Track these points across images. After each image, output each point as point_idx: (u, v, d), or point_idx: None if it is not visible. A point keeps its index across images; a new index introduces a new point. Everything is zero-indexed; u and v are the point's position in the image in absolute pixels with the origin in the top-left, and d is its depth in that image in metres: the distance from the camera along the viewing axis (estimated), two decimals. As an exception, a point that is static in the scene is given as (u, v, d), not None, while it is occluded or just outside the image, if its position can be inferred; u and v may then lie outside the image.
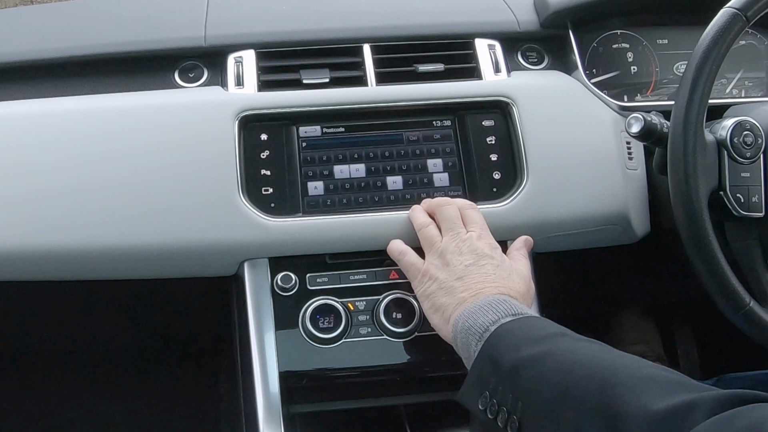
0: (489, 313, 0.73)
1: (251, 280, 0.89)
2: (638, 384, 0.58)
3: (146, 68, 1.00)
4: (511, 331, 0.71)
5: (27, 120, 0.93)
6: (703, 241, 0.79)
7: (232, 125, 0.91)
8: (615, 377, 0.60)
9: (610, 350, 0.68)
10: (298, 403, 0.88)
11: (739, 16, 0.80)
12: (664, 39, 1.08)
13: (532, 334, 0.70)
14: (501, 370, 0.68)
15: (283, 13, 1.08)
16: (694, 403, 0.54)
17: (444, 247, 0.83)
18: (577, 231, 0.95)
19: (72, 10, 1.17)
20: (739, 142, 0.84)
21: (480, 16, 1.07)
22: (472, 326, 0.73)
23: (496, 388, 0.67)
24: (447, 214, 0.86)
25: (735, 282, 0.79)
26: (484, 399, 0.68)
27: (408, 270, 0.85)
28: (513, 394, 0.66)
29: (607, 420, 0.57)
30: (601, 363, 0.64)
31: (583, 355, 0.66)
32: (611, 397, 0.58)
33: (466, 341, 0.74)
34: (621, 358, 0.65)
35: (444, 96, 0.96)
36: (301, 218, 0.89)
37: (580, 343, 0.69)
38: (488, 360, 0.70)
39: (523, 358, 0.67)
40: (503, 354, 0.68)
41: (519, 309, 0.74)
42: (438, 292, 0.80)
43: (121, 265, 0.90)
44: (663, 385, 0.58)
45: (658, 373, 0.61)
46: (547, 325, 0.73)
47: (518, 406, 0.65)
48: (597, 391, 0.60)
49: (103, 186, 0.88)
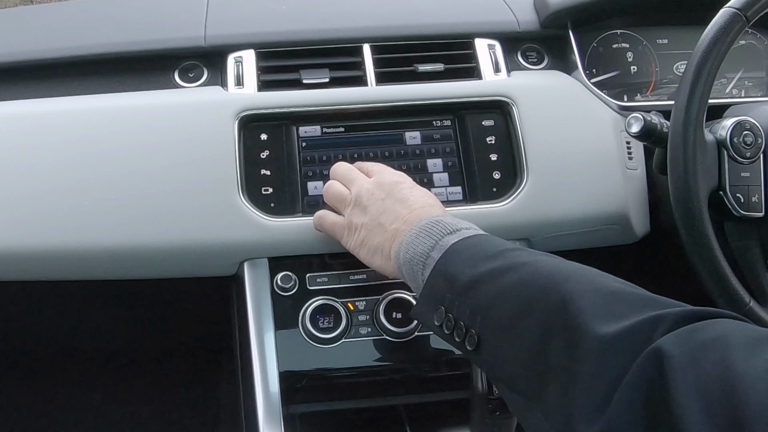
0: (426, 239, 0.72)
1: (251, 280, 0.89)
2: (602, 300, 0.57)
3: (146, 68, 1.00)
4: (466, 248, 0.70)
5: (27, 120, 0.93)
6: (703, 241, 0.79)
7: (232, 125, 0.91)
8: (577, 292, 0.58)
9: (572, 263, 0.66)
10: (298, 403, 0.88)
11: (739, 16, 0.80)
12: (664, 39, 1.08)
13: (487, 249, 0.69)
14: (457, 285, 0.67)
15: (283, 13, 1.08)
16: (658, 317, 0.53)
17: (355, 195, 0.82)
18: (577, 231, 0.95)
19: (72, 10, 1.17)
20: (739, 142, 0.84)
21: (480, 16, 1.07)
22: (413, 256, 0.73)
23: (453, 303, 0.67)
24: (342, 170, 0.87)
25: (735, 282, 0.79)
26: (439, 314, 0.68)
27: (333, 231, 0.85)
28: (470, 309, 0.65)
29: (570, 337, 0.56)
30: (563, 276, 0.62)
31: (544, 268, 0.64)
32: (574, 313, 0.57)
33: (411, 272, 0.73)
34: (584, 271, 0.63)
35: (444, 96, 0.96)
36: (301, 218, 0.89)
37: (538, 256, 0.67)
38: (442, 276, 0.69)
39: (480, 272, 0.66)
40: (459, 270, 0.67)
41: (454, 225, 0.73)
42: (369, 235, 0.79)
43: (121, 265, 0.90)
44: (627, 301, 0.57)
45: (623, 288, 0.59)
46: (499, 241, 0.71)
47: (476, 320, 0.64)
48: (560, 307, 0.58)
49: (103, 186, 0.88)
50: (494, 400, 0.76)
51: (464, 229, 0.73)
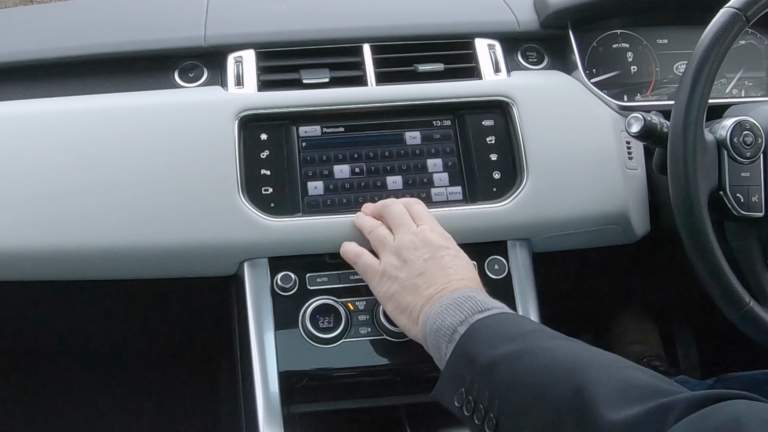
0: (456, 313, 0.72)
1: (251, 280, 0.89)
2: (615, 388, 0.58)
3: (146, 68, 1.00)
4: (488, 327, 0.70)
5: (27, 120, 0.93)
6: (703, 241, 0.79)
7: (232, 125, 0.91)
8: (592, 380, 0.59)
9: (589, 349, 0.66)
10: (298, 403, 0.88)
11: (739, 16, 0.80)
12: (664, 39, 1.08)
13: (508, 330, 0.69)
14: (477, 366, 0.67)
15: (283, 13, 1.08)
16: (669, 404, 0.53)
17: (398, 244, 0.81)
18: (577, 231, 0.95)
19: (72, 10, 1.17)
20: (739, 142, 0.84)
21: (480, 16, 1.07)
22: (440, 327, 0.72)
23: (472, 385, 0.67)
24: (394, 212, 0.85)
25: (735, 282, 0.79)
26: (460, 396, 0.68)
27: (365, 272, 0.84)
28: (489, 391, 0.65)
29: (582, 424, 0.56)
30: (578, 362, 0.63)
31: (561, 354, 0.65)
32: (587, 400, 0.57)
33: (436, 343, 0.73)
34: (600, 358, 0.64)
35: (444, 96, 0.96)
36: (301, 218, 0.89)
37: (557, 341, 0.68)
38: (463, 357, 0.69)
39: (499, 355, 0.66)
40: (479, 351, 0.68)
41: (486, 304, 0.73)
42: (401, 291, 0.79)
43: (121, 265, 0.90)
44: (640, 389, 0.57)
45: (637, 376, 0.60)
46: (522, 321, 0.72)
47: (495, 404, 0.64)
48: (573, 393, 0.59)
49: (102, 186, 0.88)
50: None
51: (495, 308, 0.73)
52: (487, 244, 0.91)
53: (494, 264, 0.91)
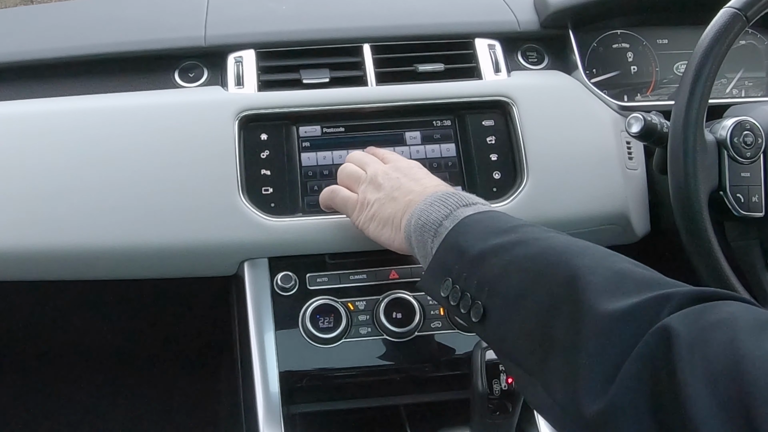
0: (441, 208, 0.72)
1: (251, 280, 0.89)
2: (610, 278, 0.56)
3: (146, 68, 1.00)
4: (478, 222, 0.69)
5: (27, 120, 0.93)
6: (703, 241, 0.79)
7: (232, 125, 0.91)
8: (587, 269, 0.58)
9: (585, 242, 0.65)
10: (298, 403, 0.88)
11: (739, 16, 0.80)
12: (664, 39, 1.08)
13: (500, 224, 0.68)
14: (466, 257, 0.66)
15: (283, 13, 1.08)
16: (666, 296, 0.53)
17: (370, 174, 0.82)
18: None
19: (72, 10, 1.17)
20: (739, 142, 0.84)
21: (480, 16, 1.07)
22: (425, 223, 0.72)
23: (460, 274, 0.66)
24: (358, 156, 0.87)
25: (735, 282, 0.79)
26: (446, 285, 0.67)
27: (345, 205, 0.84)
28: (478, 280, 0.64)
29: (577, 312, 0.55)
30: (573, 252, 0.61)
31: (554, 243, 0.63)
32: (581, 289, 0.56)
33: (421, 239, 0.72)
34: (595, 249, 0.62)
35: (444, 96, 0.96)
36: (301, 218, 0.89)
37: (550, 233, 0.67)
38: (452, 249, 0.68)
39: (490, 245, 0.65)
40: (469, 243, 0.67)
41: (471, 199, 0.73)
42: (381, 208, 0.79)
43: (122, 265, 0.90)
44: (636, 280, 0.57)
45: (632, 268, 0.58)
46: (512, 218, 0.71)
47: (484, 292, 0.63)
48: (567, 282, 0.57)
49: (103, 186, 0.88)
50: (494, 400, 0.76)
51: (479, 203, 0.73)
52: (487, 244, 0.91)
53: (494, 264, 0.91)
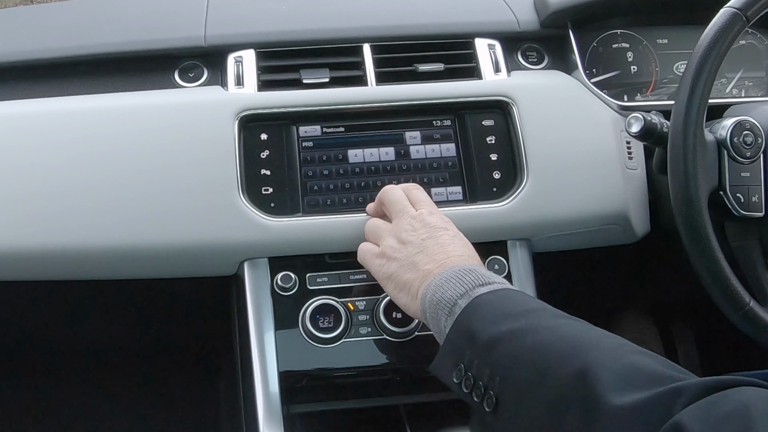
0: (457, 286, 0.71)
1: (251, 280, 0.89)
2: (620, 372, 0.56)
3: (146, 68, 1.00)
4: (490, 303, 0.68)
5: (27, 120, 0.93)
6: (703, 241, 0.79)
7: (232, 125, 0.91)
8: (597, 362, 0.57)
9: (594, 329, 0.65)
10: (298, 403, 0.88)
11: (739, 16, 0.80)
12: (664, 39, 1.08)
13: (511, 307, 0.67)
14: (477, 343, 0.65)
15: (283, 13, 1.08)
16: (677, 389, 0.52)
17: (396, 228, 0.81)
18: (577, 231, 0.95)
19: (72, 10, 1.17)
20: (739, 142, 0.84)
21: (480, 16, 1.07)
22: (440, 300, 0.71)
23: (472, 361, 0.65)
24: (392, 197, 0.85)
25: (735, 282, 0.79)
26: (459, 372, 0.66)
27: (365, 258, 0.83)
28: (490, 368, 0.63)
29: (587, 408, 0.55)
30: (583, 343, 0.61)
31: (565, 333, 0.63)
32: (591, 383, 0.56)
33: (435, 316, 0.72)
34: (605, 340, 0.62)
35: (444, 96, 0.96)
36: (301, 218, 0.89)
37: (561, 320, 0.66)
38: (464, 332, 0.67)
39: (501, 332, 0.64)
40: (480, 327, 0.66)
41: (488, 278, 0.72)
42: (399, 270, 0.78)
43: (121, 264, 0.90)
44: (647, 374, 0.56)
45: (644, 360, 0.58)
46: (526, 298, 0.70)
47: (495, 382, 0.63)
48: (577, 375, 0.57)
49: (102, 186, 0.88)
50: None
51: (496, 283, 0.72)
52: (487, 244, 0.91)
53: (494, 264, 0.91)
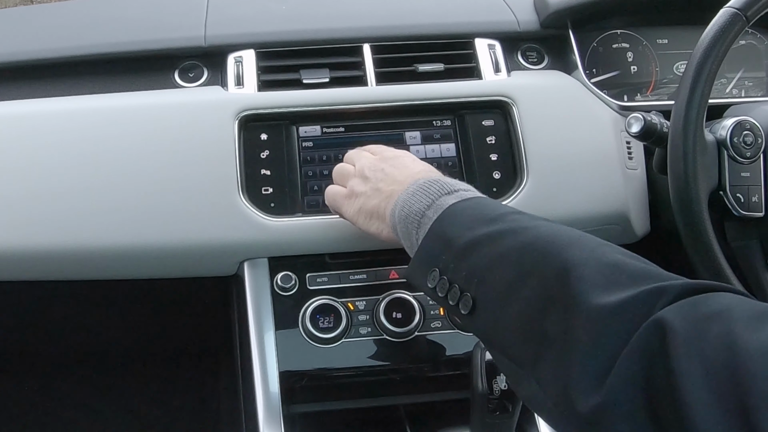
0: (423, 197, 0.71)
1: (251, 280, 0.89)
2: (603, 270, 0.55)
3: (146, 68, 1.00)
4: (464, 210, 0.68)
5: (27, 120, 0.93)
6: (703, 241, 0.79)
7: (232, 125, 0.91)
8: (579, 261, 0.56)
9: (573, 230, 0.63)
10: (298, 403, 0.88)
11: (739, 16, 0.80)
12: (664, 39, 1.08)
13: (486, 212, 0.67)
14: (454, 247, 0.65)
15: (283, 13, 1.08)
16: (660, 289, 0.52)
17: (358, 168, 0.82)
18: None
19: (72, 10, 1.17)
20: (739, 142, 0.84)
21: (480, 16, 1.07)
22: (408, 214, 0.71)
23: (448, 265, 0.65)
24: (350, 153, 0.87)
25: (735, 281, 0.79)
26: (433, 276, 0.66)
27: (334, 200, 0.84)
28: (467, 271, 0.63)
29: (569, 305, 0.54)
30: (564, 242, 0.60)
31: (545, 232, 0.62)
32: (574, 281, 0.55)
33: (406, 231, 0.72)
34: (587, 240, 0.61)
35: (444, 96, 0.96)
36: (301, 218, 0.89)
37: (539, 221, 0.65)
38: (439, 238, 0.67)
39: (478, 235, 0.64)
40: (456, 232, 0.65)
41: (453, 186, 0.72)
42: (366, 200, 0.78)
43: (122, 264, 0.90)
44: (629, 272, 0.55)
45: (625, 260, 0.57)
46: (498, 204, 0.70)
47: (473, 283, 0.62)
48: (560, 274, 0.56)
49: (102, 186, 0.88)
50: (494, 400, 0.76)
51: (462, 190, 0.72)
52: (487, 244, 0.91)
53: (494, 264, 0.91)
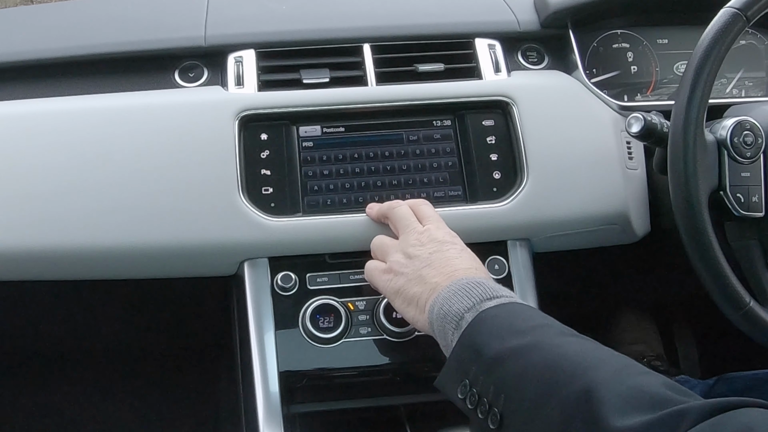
0: (464, 299, 0.71)
1: (251, 280, 0.89)
2: (625, 394, 0.56)
3: (146, 68, 1.00)
4: (496, 317, 0.68)
5: (27, 120, 0.93)
6: (703, 241, 0.79)
7: (232, 125, 0.91)
8: (602, 382, 0.57)
9: (600, 348, 0.65)
10: (298, 403, 0.88)
11: (739, 16, 0.80)
12: (664, 39, 1.08)
13: (517, 323, 0.67)
14: (483, 359, 0.65)
15: (283, 13, 1.08)
16: (681, 412, 0.53)
17: (403, 243, 0.81)
18: (577, 231, 0.95)
19: (72, 10, 1.17)
20: (739, 142, 0.84)
21: (480, 16, 1.07)
22: (447, 313, 0.71)
23: (477, 377, 0.65)
24: (400, 214, 0.85)
25: (735, 282, 0.79)
26: (464, 387, 0.66)
27: (372, 275, 0.83)
28: (495, 385, 0.63)
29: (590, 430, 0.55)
30: (588, 362, 0.61)
31: (571, 352, 0.63)
32: (596, 404, 0.56)
33: (443, 329, 0.71)
34: (611, 359, 0.62)
35: (444, 96, 0.96)
36: (301, 218, 0.89)
37: (567, 338, 0.66)
38: (470, 347, 0.67)
39: (507, 348, 0.64)
40: (486, 342, 0.66)
41: (496, 291, 0.72)
42: (407, 284, 0.77)
43: (122, 264, 0.90)
44: (651, 396, 0.56)
45: (648, 382, 0.58)
46: (533, 314, 0.70)
47: (500, 399, 0.62)
48: (582, 395, 0.57)
49: (102, 186, 0.88)
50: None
51: (504, 296, 0.71)
52: (487, 244, 0.91)
53: (494, 264, 0.91)
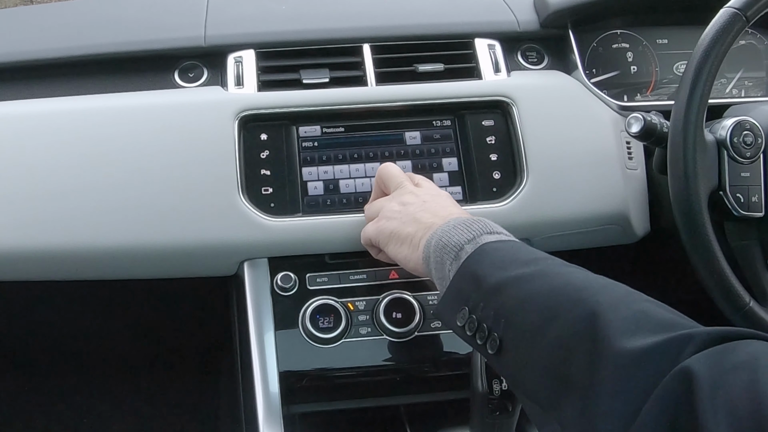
0: (464, 232, 0.70)
1: (251, 280, 0.89)
2: (630, 317, 0.55)
3: (146, 68, 1.00)
4: (497, 250, 0.68)
5: (27, 120, 0.93)
6: (703, 241, 0.79)
7: (232, 125, 0.91)
8: (607, 306, 0.57)
9: (604, 278, 0.63)
10: (298, 403, 0.88)
11: (739, 16, 0.80)
12: (664, 39, 1.08)
13: (520, 255, 0.67)
14: (484, 286, 0.65)
15: (283, 13, 1.08)
16: (687, 336, 0.52)
17: (397, 194, 0.81)
18: (576, 231, 0.95)
19: (72, 10, 1.17)
20: (739, 142, 0.84)
21: (480, 16, 1.07)
22: (446, 244, 0.70)
23: (477, 304, 0.65)
24: (389, 171, 0.86)
25: (735, 282, 0.79)
26: (462, 315, 0.66)
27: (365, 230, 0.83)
28: (495, 311, 0.63)
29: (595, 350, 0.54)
30: (594, 289, 0.60)
31: (575, 278, 0.62)
32: (601, 326, 0.55)
33: (440, 260, 0.71)
34: (616, 287, 0.61)
35: (444, 96, 0.96)
36: (301, 218, 0.89)
37: (570, 267, 0.65)
38: (470, 276, 0.67)
39: (509, 276, 0.64)
40: (487, 272, 0.65)
41: (496, 228, 0.71)
42: (401, 226, 0.77)
43: (122, 265, 0.90)
44: (656, 320, 0.56)
45: (653, 308, 0.58)
46: (533, 249, 0.69)
47: (500, 324, 0.62)
48: (587, 318, 0.56)
49: (103, 186, 0.88)
50: (494, 400, 0.76)
51: (503, 233, 0.71)
52: (487, 244, 0.91)
53: (494, 264, 0.91)
